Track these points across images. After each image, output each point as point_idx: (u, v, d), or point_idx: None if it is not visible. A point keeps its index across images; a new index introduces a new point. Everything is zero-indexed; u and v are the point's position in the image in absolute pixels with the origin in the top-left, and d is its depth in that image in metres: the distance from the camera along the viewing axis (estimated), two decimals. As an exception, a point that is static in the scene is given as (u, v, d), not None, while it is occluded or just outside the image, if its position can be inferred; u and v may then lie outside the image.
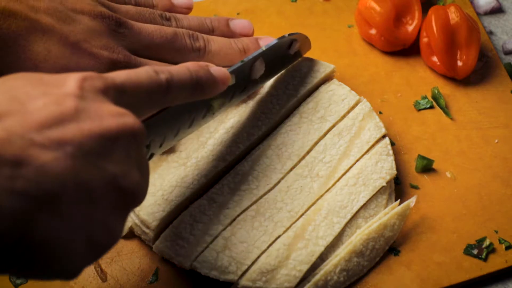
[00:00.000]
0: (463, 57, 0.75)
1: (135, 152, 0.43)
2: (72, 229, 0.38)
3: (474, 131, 0.73)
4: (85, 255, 0.39)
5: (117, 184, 0.40)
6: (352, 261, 0.61)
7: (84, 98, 0.40)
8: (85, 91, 0.41)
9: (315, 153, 0.65)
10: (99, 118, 0.40)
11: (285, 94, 0.68)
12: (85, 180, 0.38)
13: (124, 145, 0.41)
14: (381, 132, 0.67)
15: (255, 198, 0.62)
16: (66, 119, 0.39)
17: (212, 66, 0.54)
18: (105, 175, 0.39)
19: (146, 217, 0.60)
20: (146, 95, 0.46)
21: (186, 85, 0.50)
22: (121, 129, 0.41)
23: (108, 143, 0.40)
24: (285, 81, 0.69)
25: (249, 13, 0.81)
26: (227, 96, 0.62)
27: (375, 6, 0.75)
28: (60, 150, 0.37)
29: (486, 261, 0.64)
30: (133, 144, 0.42)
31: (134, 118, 0.42)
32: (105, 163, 0.39)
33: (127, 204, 0.42)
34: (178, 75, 0.49)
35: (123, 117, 0.41)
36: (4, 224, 0.34)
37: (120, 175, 0.40)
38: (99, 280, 0.61)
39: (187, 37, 0.64)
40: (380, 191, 0.64)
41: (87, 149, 0.38)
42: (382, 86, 0.76)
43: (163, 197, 0.61)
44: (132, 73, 0.45)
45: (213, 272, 0.58)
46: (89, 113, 0.40)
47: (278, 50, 0.67)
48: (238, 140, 0.64)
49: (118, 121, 0.41)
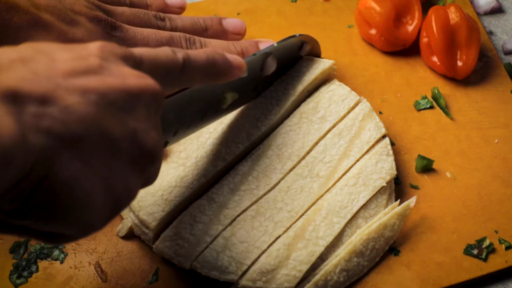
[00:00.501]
0: (463, 57, 0.75)
1: (154, 114, 0.44)
2: (92, 175, 0.38)
3: (474, 131, 0.73)
4: (102, 207, 0.40)
5: (137, 139, 0.41)
6: (352, 261, 0.61)
7: (105, 59, 0.42)
8: (106, 54, 0.42)
9: (315, 153, 0.65)
10: (122, 76, 0.41)
11: (284, 95, 0.68)
12: (107, 128, 0.39)
13: (145, 104, 0.42)
14: (381, 132, 0.67)
15: (255, 198, 0.62)
16: (91, 71, 0.40)
17: (228, 53, 0.55)
18: (126, 128, 0.40)
19: (146, 217, 0.60)
20: (163, 71, 0.47)
21: (202, 66, 0.51)
22: (143, 88, 0.42)
23: (130, 99, 0.41)
24: (284, 81, 0.69)
25: (249, 13, 0.81)
26: (239, 91, 0.63)
27: (375, 6, 0.75)
28: (84, 97, 0.38)
29: (486, 261, 0.64)
30: (153, 105, 0.43)
31: (155, 82, 0.43)
32: (126, 117, 0.40)
33: (145, 162, 0.42)
34: (195, 56, 0.50)
35: (144, 78, 0.43)
36: (30, 160, 0.35)
37: (141, 131, 0.41)
38: (99, 280, 0.61)
39: (183, 41, 0.64)
40: (380, 191, 0.64)
41: (110, 100, 0.39)
42: (382, 86, 0.76)
43: (162, 197, 0.61)
44: (151, 49, 0.47)
45: (213, 272, 0.58)
46: (112, 71, 0.41)
47: (290, 49, 0.68)
48: (237, 141, 0.64)
49: (140, 81, 0.42)
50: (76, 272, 0.62)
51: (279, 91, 0.68)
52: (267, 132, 0.66)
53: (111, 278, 0.62)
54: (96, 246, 0.63)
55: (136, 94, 0.41)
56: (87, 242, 0.63)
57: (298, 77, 0.69)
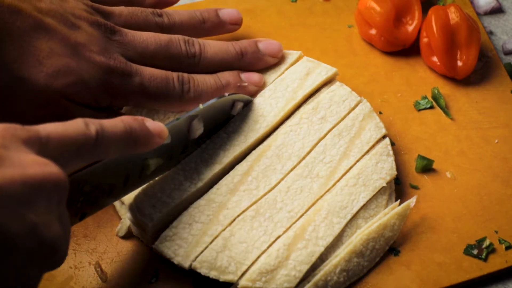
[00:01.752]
0: (463, 57, 0.75)
1: (57, 204, 0.42)
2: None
3: (474, 131, 0.73)
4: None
5: (36, 234, 0.40)
6: (352, 261, 0.61)
7: (6, 147, 0.40)
8: (7, 141, 0.40)
9: (315, 154, 0.65)
10: (22, 166, 0.39)
11: (284, 97, 0.68)
12: (4, 225, 0.37)
13: (46, 194, 0.40)
14: (381, 132, 0.67)
15: (255, 198, 0.62)
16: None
17: (148, 120, 0.53)
18: (25, 223, 0.39)
19: (143, 218, 0.60)
20: (73, 147, 0.45)
21: (118, 137, 0.49)
22: (44, 178, 0.40)
23: (30, 191, 0.39)
24: (285, 83, 0.69)
25: (249, 13, 0.81)
26: (164, 156, 0.60)
27: (375, 6, 0.75)
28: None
29: (486, 261, 0.64)
30: (55, 195, 0.41)
31: (58, 169, 0.42)
32: (25, 211, 0.39)
33: (45, 256, 0.41)
34: (110, 127, 0.48)
35: (46, 166, 0.41)
36: None
37: (41, 225, 0.40)
38: (99, 280, 0.61)
39: (182, 43, 0.64)
40: (380, 191, 0.64)
41: (8, 195, 0.38)
42: (382, 86, 0.76)
43: (160, 199, 0.60)
44: (60, 125, 0.45)
45: (212, 272, 0.58)
46: (12, 161, 0.39)
47: (219, 110, 0.65)
48: (236, 143, 0.64)
49: (42, 169, 0.40)
50: (76, 272, 0.62)
51: (278, 92, 0.68)
52: (266, 134, 0.66)
53: (111, 278, 0.62)
54: (96, 246, 0.63)
55: (37, 185, 0.40)
56: (87, 242, 0.63)
57: (298, 79, 0.69)
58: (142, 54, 0.63)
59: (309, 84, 0.68)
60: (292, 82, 0.68)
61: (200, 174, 0.62)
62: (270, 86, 0.68)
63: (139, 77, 0.61)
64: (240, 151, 0.64)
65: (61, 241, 0.42)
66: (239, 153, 0.64)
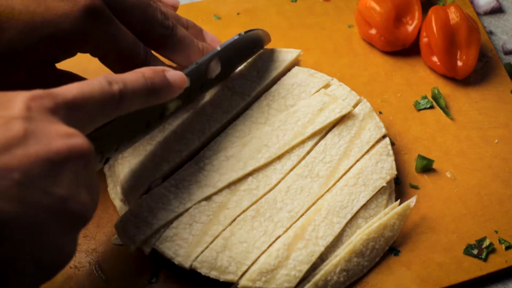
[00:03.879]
0: (463, 57, 0.75)
1: (84, 173, 0.42)
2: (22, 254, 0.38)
3: (474, 131, 0.73)
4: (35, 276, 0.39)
5: (65, 207, 0.40)
6: (352, 261, 0.61)
7: (32, 119, 0.40)
8: (33, 112, 0.41)
9: (315, 153, 0.65)
10: (47, 141, 0.40)
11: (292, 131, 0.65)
12: (33, 207, 0.38)
13: (72, 167, 0.41)
14: (381, 132, 0.67)
15: (255, 198, 0.62)
16: (13, 144, 0.38)
17: (168, 71, 0.53)
18: (53, 199, 0.39)
19: (126, 240, 0.59)
20: (99, 107, 0.46)
21: (140, 93, 0.50)
22: (69, 151, 0.41)
23: (55, 166, 0.40)
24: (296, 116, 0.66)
25: (249, 13, 0.81)
26: (183, 98, 0.62)
27: (375, 6, 0.76)
28: (6, 178, 0.37)
29: (486, 261, 0.64)
30: (81, 165, 0.42)
31: (83, 139, 0.42)
32: (53, 187, 0.39)
33: (75, 225, 0.42)
34: (132, 83, 0.49)
35: (71, 138, 0.41)
36: None
37: (69, 198, 0.40)
38: (99, 280, 0.61)
39: (159, 12, 0.62)
40: (380, 191, 0.64)
41: (34, 174, 0.38)
42: (382, 86, 0.76)
43: (145, 219, 0.60)
44: (84, 86, 0.45)
45: (213, 272, 0.58)
46: (37, 136, 0.40)
47: (236, 48, 0.66)
48: (234, 169, 0.63)
49: (67, 143, 0.41)
50: (76, 272, 0.62)
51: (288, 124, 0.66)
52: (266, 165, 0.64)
53: (111, 278, 0.62)
54: (96, 246, 0.63)
55: (62, 160, 0.40)
56: (87, 242, 0.63)
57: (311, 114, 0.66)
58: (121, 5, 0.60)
59: (320, 121, 0.66)
60: (304, 116, 0.66)
61: (191, 194, 0.61)
62: (281, 117, 0.66)
63: None
64: (236, 177, 0.63)
65: (89, 210, 0.43)
66: (235, 179, 0.63)
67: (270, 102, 0.68)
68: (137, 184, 0.62)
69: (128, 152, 0.64)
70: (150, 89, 0.51)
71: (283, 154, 0.65)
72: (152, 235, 0.59)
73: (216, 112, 0.66)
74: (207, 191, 0.62)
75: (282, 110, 0.67)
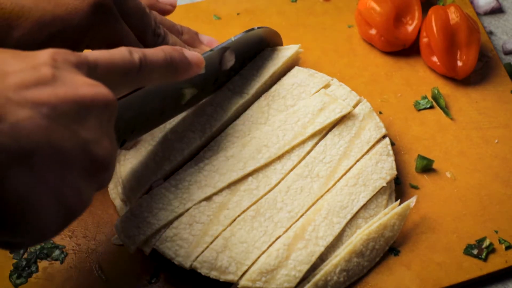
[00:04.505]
0: (463, 57, 0.75)
1: (107, 123, 0.44)
2: (44, 187, 0.39)
3: (474, 131, 0.73)
4: (55, 217, 0.40)
5: (89, 150, 0.41)
6: (352, 261, 0.61)
7: (58, 68, 0.41)
8: (58, 62, 0.42)
9: (315, 154, 0.65)
10: (74, 86, 0.41)
11: (292, 131, 0.65)
12: (59, 141, 0.39)
13: (97, 113, 0.42)
14: (381, 132, 0.67)
15: (255, 198, 0.62)
16: (42, 82, 0.40)
17: (186, 50, 0.55)
18: (78, 139, 0.40)
19: (126, 240, 0.59)
20: (119, 73, 0.47)
21: (159, 65, 0.51)
22: (95, 98, 0.42)
23: (82, 109, 0.41)
24: (297, 116, 0.66)
25: (249, 13, 0.81)
26: (198, 86, 0.63)
27: (375, 6, 0.76)
28: (35, 110, 0.38)
29: (486, 261, 0.64)
30: (105, 114, 0.43)
31: (108, 90, 0.43)
32: (78, 128, 0.41)
33: (97, 171, 0.42)
34: (151, 55, 0.50)
35: (97, 87, 0.42)
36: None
37: (92, 142, 0.42)
38: (99, 280, 0.61)
39: (153, 21, 0.63)
40: (380, 191, 0.64)
41: (61, 112, 0.39)
42: (382, 86, 0.76)
43: (146, 219, 0.60)
44: (106, 52, 0.46)
45: (213, 272, 0.58)
46: (64, 81, 0.41)
47: (249, 42, 0.67)
48: (234, 169, 0.63)
49: (93, 90, 0.42)
50: (76, 272, 0.62)
51: (288, 123, 0.66)
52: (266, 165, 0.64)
53: (111, 278, 0.62)
54: (96, 246, 0.63)
55: (88, 104, 0.41)
56: (87, 242, 0.63)
57: (311, 114, 0.66)
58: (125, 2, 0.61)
59: (320, 121, 0.66)
60: (304, 116, 0.66)
61: (192, 195, 0.61)
62: (281, 117, 0.66)
63: None
64: (236, 177, 0.63)
65: (111, 158, 0.43)
66: (235, 179, 0.63)
67: (270, 102, 0.68)
68: (139, 183, 0.62)
69: (130, 153, 0.64)
70: (169, 63, 0.52)
71: (283, 154, 0.65)
72: (152, 235, 0.60)
73: (217, 111, 0.66)
74: (207, 191, 0.62)
75: (282, 110, 0.67)
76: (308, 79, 0.69)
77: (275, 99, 0.68)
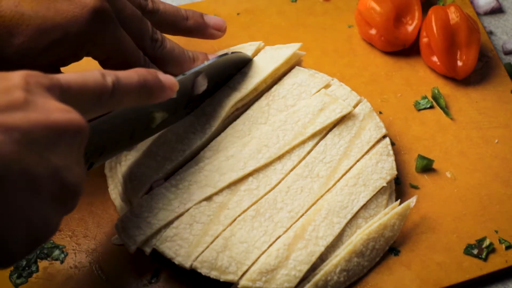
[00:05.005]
0: (463, 57, 0.75)
1: (77, 148, 0.44)
2: (13, 212, 0.39)
3: (474, 131, 0.73)
4: (22, 243, 0.40)
5: (59, 177, 0.41)
6: (352, 261, 0.61)
7: (30, 91, 0.41)
8: (31, 86, 0.42)
9: (316, 154, 0.65)
10: (46, 111, 0.41)
11: (292, 131, 0.65)
12: (29, 167, 0.39)
13: (68, 139, 0.42)
14: (381, 132, 0.67)
15: (255, 198, 0.62)
16: (14, 107, 0.40)
17: (160, 73, 0.54)
18: (48, 166, 0.40)
19: (127, 240, 0.59)
20: (91, 97, 0.46)
21: (133, 89, 0.50)
22: (67, 124, 0.42)
23: (53, 135, 0.41)
24: (297, 116, 0.66)
25: (249, 13, 0.81)
26: (168, 110, 0.62)
27: (375, 6, 0.76)
28: (7, 135, 0.38)
29: (486, 261, 0.64)
30: (77, 140, 0.43)
31: (80, 116, 0.43)
32: (49, 154, 0.40)
33: (66, 197, 0.42)
34: (125, 79, 0.49)
35: (69, 113, 0.42)
36: None
37: (63, 168, 0.41)
38: (99, 280, 0.61)
39: (150, 26, 0.63)
40: (380, 191, 0.64)
41: (33, 138, 0.39)
42: (382, 86, 0.76)
43: (146, 219, 0.60)
44: (79, 75, 0.46)
45: (213, 272, 0.58)
46: (37, 106, 0.41)
47: (222, 67, 0.66)
48: (234, 169, 0.63)
49: (65, 116, 0.42)
50: (76, 272, 0.62)
51: (288, 124, 0.66)
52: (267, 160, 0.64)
53: (111, 278, 0.62)
54: (96, 246, 0.63)
55: (60, 131, 0.41)
56: (87, 242, 0.63)
57: (312, 114, 0.66)
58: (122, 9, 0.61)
59: (321, 121, 0.66)
60: (304, 116, 0.66)
61: (192, 195, 0.61)
62: (281, 117, 0.66)
63: None
64: (236, 177, 0.62)
65: (80, 184, 0.43)
66: (235, 179, 0.63)
67: (270, 102, 0.68)
68: (139, 184, 0.62)
69: (131, 154, 0.64)
70: (143, 86, 0.51)
71: (283, 154, 0.65)
72: (152, 235, 0.60)
73: (216, 110, 0.66)
74: (208, 191, 0.62)
75: (282, 110, 0.67)
76: (308, 79, 0.69)
77: (275, 99, 0.68)
